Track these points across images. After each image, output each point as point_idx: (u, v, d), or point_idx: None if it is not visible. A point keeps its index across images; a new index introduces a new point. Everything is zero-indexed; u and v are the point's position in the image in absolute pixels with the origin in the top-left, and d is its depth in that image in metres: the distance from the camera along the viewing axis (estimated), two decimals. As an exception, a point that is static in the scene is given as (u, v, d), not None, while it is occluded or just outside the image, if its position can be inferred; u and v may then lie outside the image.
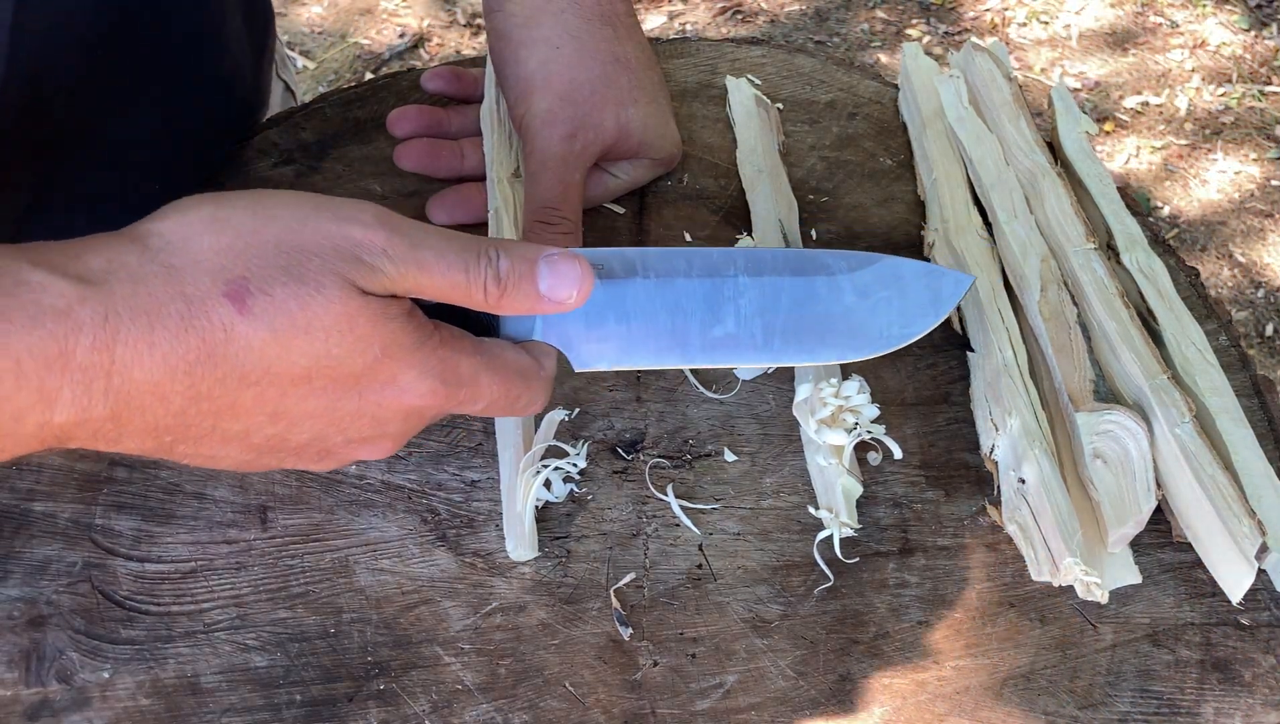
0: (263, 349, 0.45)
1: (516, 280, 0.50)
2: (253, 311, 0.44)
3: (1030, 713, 0.56)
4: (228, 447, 0.48)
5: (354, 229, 0.46)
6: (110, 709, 0.55)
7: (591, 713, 0.56)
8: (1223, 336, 0.70)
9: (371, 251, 0.46)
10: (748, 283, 0.55)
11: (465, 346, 0.50)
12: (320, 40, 2.52)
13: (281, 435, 0.48)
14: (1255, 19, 2.46)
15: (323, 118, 0.83)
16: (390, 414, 0.49)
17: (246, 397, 0.46)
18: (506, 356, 0.52)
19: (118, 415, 0.44)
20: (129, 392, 0.43)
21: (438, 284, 0.48)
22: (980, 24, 2.49)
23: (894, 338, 0.57)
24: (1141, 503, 0.58)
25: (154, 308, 0.43)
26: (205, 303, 0.44)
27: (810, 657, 0.58)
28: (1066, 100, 0.80)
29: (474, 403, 0.51)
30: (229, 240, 0.45)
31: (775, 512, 0.63)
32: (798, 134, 0.82)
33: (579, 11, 0.72)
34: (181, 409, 0.45)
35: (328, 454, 0.51)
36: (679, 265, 0.55)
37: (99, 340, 0.42)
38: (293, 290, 0.44)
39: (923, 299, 0.57)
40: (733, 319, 0.55)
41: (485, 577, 0.60)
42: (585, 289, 0.51)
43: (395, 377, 0.48)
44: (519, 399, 0.53)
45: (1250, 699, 0.56)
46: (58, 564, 0.60)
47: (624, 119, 0.72)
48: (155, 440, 0.46)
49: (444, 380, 0.49)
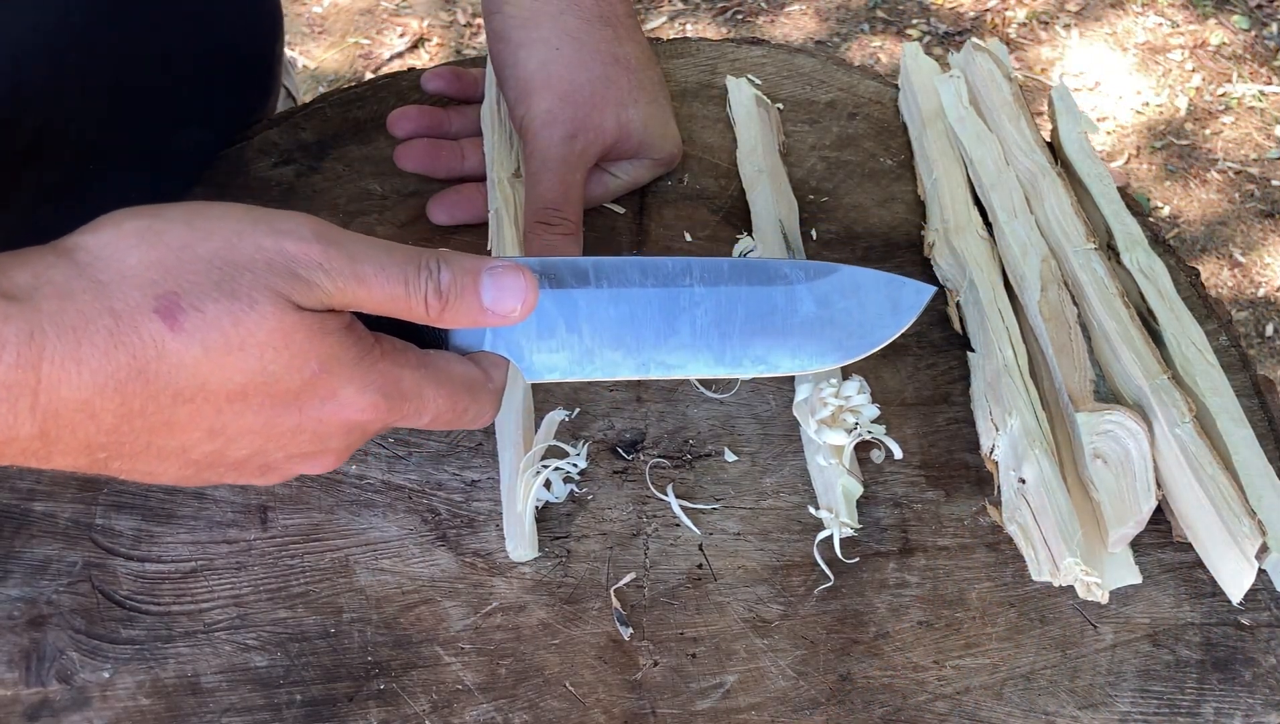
0: (195, 366, 0.44)
1: (459, 293, 0.48)
2: (184, 328, 0.43)
3: (1030, 713, 0.56)
4: (164, 463, 0.47)
5: (288, 243, 0.45)
6: (110, 709, 0.55)
7: (592, 713, 0.56)
8: (1223, 336, 0.70)
9: (307, 266, 0.45)
10: (704, 293, 0.54)
11: (408, 360, 0.49)
12: (320, 40, 2.52)
13: (220, 451, 0.47)
14: (1255, 19, 2.46)
15: (323, 118, 0.83)
16: (331, 429, 0.48)
17: (181, 413, 0.45)
18: (453, 369, 0.51)
19: (46, 433, 0.43)
20: (57, 409, 0.42)
21: (377, 298, 0.47)
22: (980, 24, 2.49)
23: (853, 348, 0.55)
24: (1141, 503, 0.59)
25: (81, 324, 0.42)
26: (135, 318, 0.43)
27: (810, 657, 0.58)
28: (1066, 100, 0.80)
29: (419, 416, 0.50)
30: (159, 255, 0.44)
31: (775, 512, 0.63)
32: (798, 134, 0.82)
33: (578, 12, 0.72)
34: (114, 426, 0.44)
35: (269, 469, 0.50)
36: (633, 275, 0.54)
37: (23, 357, 0.41)
38: (225, 306, 0.43)
39: (883, 309, 0.55)
40: (688, 330, 0.54)
41: (485, 576, 0.60)
42: (530, 301, 0.50)
43: (335, 392, 0.47)
44: (466, 412, 0.52)
45: (1250, 699, 0.56)
46: (58, 564, 0.60)
47: (624, 119, 0.72)
48: (89, 457, 0.45)
49: (385, 394, 0.48)
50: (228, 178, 0.79)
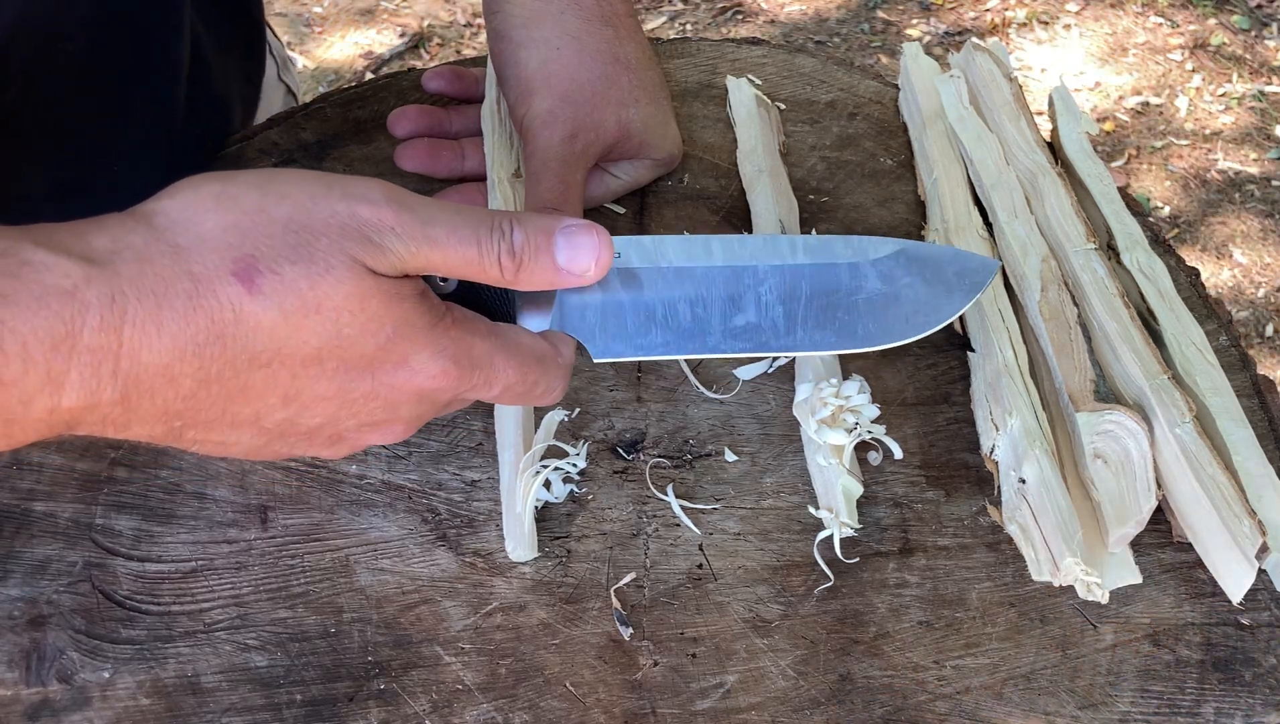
0: (272, 329, 0.44)
1: (533, 252, 0.48)
2: (262, 291, 0.43)
3: (1030, 713, 0.56)
4: (239, 431, 0.47)
5: (362, 207, 0.45)
6: (110, 709, 0.55)
7: (592, 713, 0.56)
8: (1223, 336, 0.70)
9: (380, 230, 0.45)
10: (769, 271, 0.54)
11: (479, 329, 0.49)
12: (320, 40, 2.52)
13: (293, 419, 0.47)
14: (1255, 19, 2.46)
15: (323, 118, 0.83)
16: (402, 397, 0.48)
17: (257, 379, 0.45)
18: (522, 341, 0.51)
19: (127, 399, 0.43)
20: (138, 374, 0.42)
21: (450, 260, 0.47)
22: (980, 24, 2.49)
23: (918, 326, 0.55)
24: (1142, 503, 0.59)
25: (161, 288, 0.42)
26: (213, 282, 0.43)
27: (810, 657, 0.58)
28: (1066, 100, 0.80)
29: (489, 387, 0.50)
30: (235, 218, 0.44)
31: (775, 512, 0.63)
32: (798, 134, 0.82)
33: (579, 12, 0.72)
34: (191, 392, 0.44)
35: (339, 439, 0.50)
36: (698, 253, 0.53)
37: (106, 321, 0.41)
38: (302, 269, 0.44)
39: (949, 285, 0.55)
40: (754, 307, 0.54)
41: (485, 576, 0.60)
42: (605, 260, 0.49)
43: (407, 357, 0.47)
44: (536, 385, 0.51)
45: (1250, 699, 0.56)
46: (58, 564, 0.60)
47: (625, 119, 0.72)
48: (165, 425, 0.45)
49: (457, 362, 0.48)
50: (228, 178, 0.79)
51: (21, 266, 0.40)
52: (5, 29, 0.60)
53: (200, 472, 0.64)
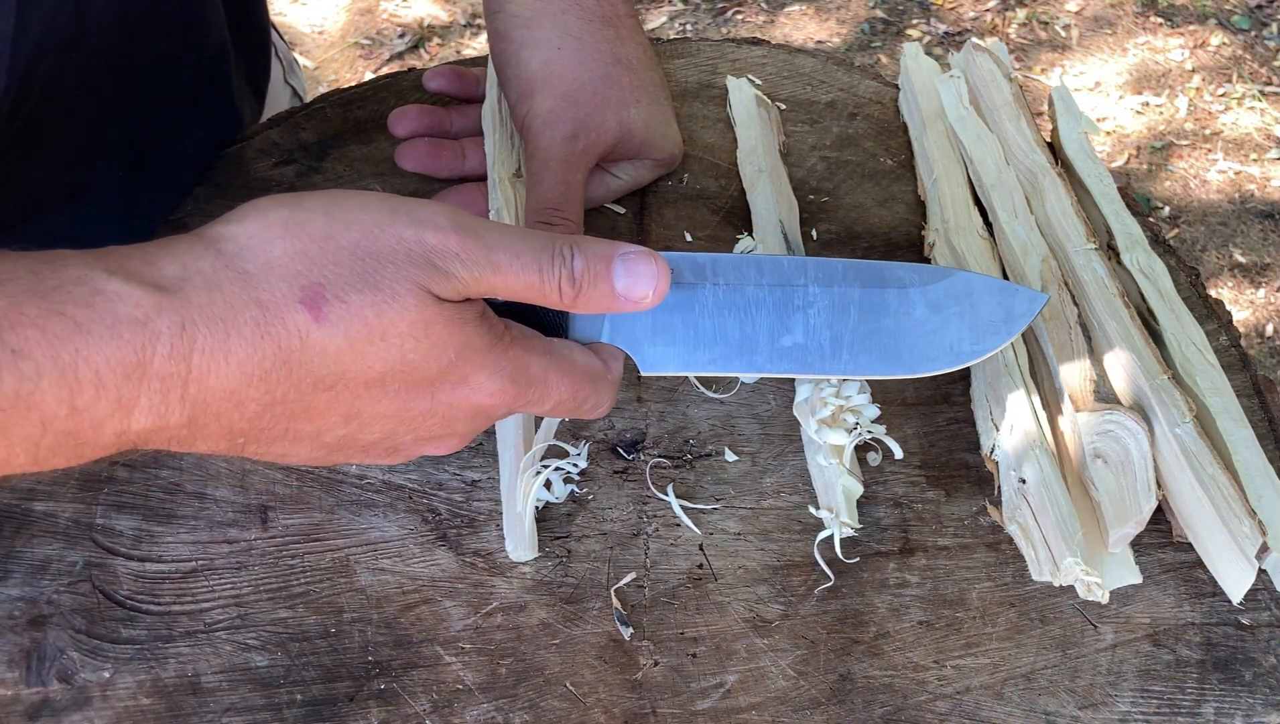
0: (338, 355, 0.45)
1: (592, 279, 0.49)
2: (328, 318, 0.44)
3: (1030, 713, 0.56)
4: (299, 445, 0.48)
5: (428, 234, 0.46)
6: (111, 709, 0.55)
7: (592, 713, 0.56)
8: (1223, 337, 0.70)
9: (445, 257, 0.46)
10: (818, 293, 0.55)
11: (535, 346, 0.50)
12: (320, 40, 2.52)
13: (352, 435, 0.48)
14: (1255, 19, 2.46)
15: (323, 118, 0.83)
16: (460, 413, 0.49)
17: (321, 401, 0.46)
18: (575, 357, 0.52)
19: (194, 421, 0.44)
20: (205, 399, 0.43)
21: (512, 285, 0.48)
22: (980, 24, 2.49)
23: (964, 355, 0.56)
24: (1142, 503, 0.59)
25: (230, 315, 0.43)
26: (281, 309, 0.43)
27: (811, 656, 0.58)
28: (1066, 100, 0.80)
29: (542, 403, 0.51)
30: (303, 245, 0.44)
31: (776, 511, 0.63)
32: (798, 134, 0.82)
33: (580, 12, 0.72)
34: (256, 414, 0.45)
35: (396, 451, 0.51)
36: (749, 272, 0.54)
37: (176, 350, 0.42)
38: (368, 297, 0.44)
39: (995, 316, 0.56)
40: (801, 329, 0.55)
41: (486, 576, 0.60)
42: (662, 288, 0.50)
43: (467, 377, 0.48)
44: (586, 401, 0.52)
45: (1250, 699, 0.56)
46: (58, 564, 0.60)
47: (626, 119, 0.72)
48: (228, 442, 0.46)
49: (514, 380, 0.49)
50: (228, 178, 0.79)
51: (95, 296, 0.41)
52: (32, 44, 0.60)
53: (200, 472, 0.64)
